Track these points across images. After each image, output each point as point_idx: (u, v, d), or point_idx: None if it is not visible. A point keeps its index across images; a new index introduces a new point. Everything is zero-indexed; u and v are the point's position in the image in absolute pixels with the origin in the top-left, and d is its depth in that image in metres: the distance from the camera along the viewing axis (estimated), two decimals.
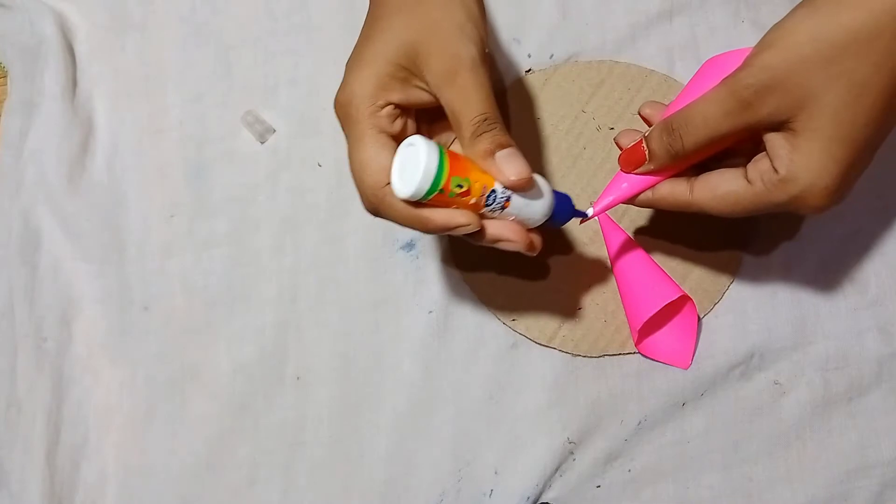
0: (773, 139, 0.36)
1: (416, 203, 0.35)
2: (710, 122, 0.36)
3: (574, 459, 0.48)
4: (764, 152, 0.37)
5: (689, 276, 0.49)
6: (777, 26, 0.35)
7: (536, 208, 0.38)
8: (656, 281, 0.47)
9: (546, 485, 0.48)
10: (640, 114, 0.42)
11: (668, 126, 0.38)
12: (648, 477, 0.48)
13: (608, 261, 0.49)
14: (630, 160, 0.40)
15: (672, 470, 0.48)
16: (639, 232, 0.50)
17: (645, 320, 0.45)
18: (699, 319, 0.49)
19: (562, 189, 0.51)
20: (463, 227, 0.36)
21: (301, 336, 0.50)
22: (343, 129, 0.38)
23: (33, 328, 0.50)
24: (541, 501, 0.48)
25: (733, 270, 0.50)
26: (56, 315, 0.50)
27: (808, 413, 0.48)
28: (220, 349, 0.50)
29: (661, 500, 0.48)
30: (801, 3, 0.35)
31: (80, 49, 0.54)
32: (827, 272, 0.50)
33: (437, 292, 0.50)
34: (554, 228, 0.41)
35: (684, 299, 0.47)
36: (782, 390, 0.48)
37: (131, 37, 0.55)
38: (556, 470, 0.48)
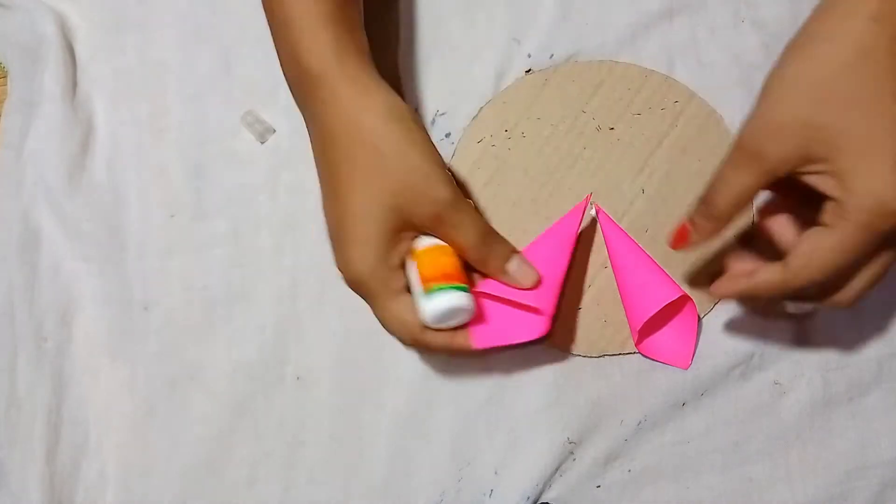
0: (814, 180, 0.37)
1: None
2: (734, 182, 0.39)
3: (574, 459, 0.48)
4: (823, 199, 0.38)
5: (688, 276, 0.49)
6: (768, 77, 0.38)
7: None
8: (656, 281, 0.47)
9: (546, 485, 0.48)
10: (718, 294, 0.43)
11: (703, 198, 0.41)
12: (648, 477, 0.48)
13: (608, 261, 0.49)
14: (678, 237, 0.43)
15: (672, 470, 0.48)
16: (639, 232, 0.50)
17: (645, 320, 0.45)
18: (699, 319, 0.49)
19: (562, 190, 0.51)
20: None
21: (301, 336, 0.50)
22: (363, 298, 0.42)
23: (33, 328, 0.50)
24: (541, 501, 0.48)
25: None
26: (56, 315, 0.50)
27: (808, 413, 0.48)
28: (220, 349, 0.50)
29: (661, 500, 0.48)
30: (785, 50, 0.38)
31: (80, 49, 0.54)
32: None
33: None
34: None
35: (684, 299, 0.47)
36: (782, 390, 0.48)
37: (131, 37, 0.55)
38: (556, 470, 0.48)
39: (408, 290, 0.42)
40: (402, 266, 0.42)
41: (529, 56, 0.53)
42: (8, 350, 0.50)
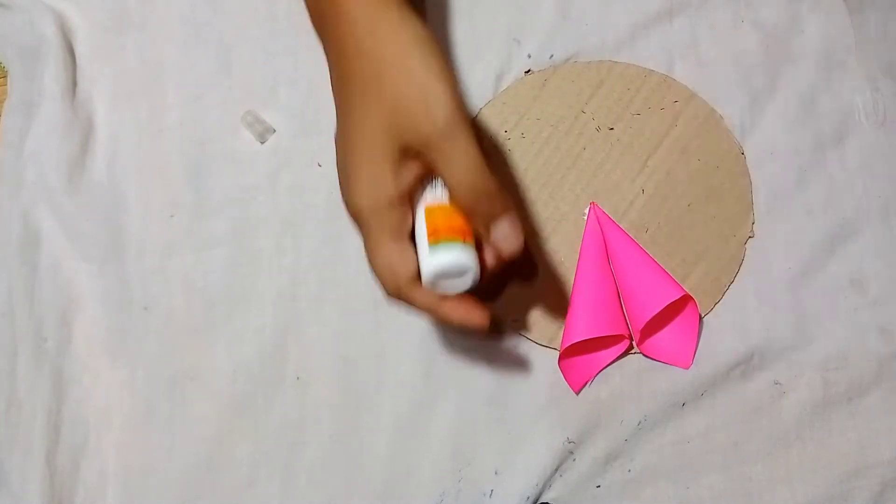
0: None
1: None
2: None
3: (574, 459, 0.48)
4: None
5: (689, 276, 0.49)
6: None
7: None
8: (657, 281, 0.47)
9: (546, 485, 0.48)
10: None
11: None
12: (648, 477, 0.48)
13: (609, 261, 0.49)
14: None
15: (672, 470, 0.48)
16: (639, 232, 0.50)
17: (647, 320, 0.46)
18: (700, 319, 0.49)
19: (562, 190, 0.51)
20: (476, 327, 0.39)
21: (301, 336, 0.50)
22: (357, 229, 0.38)
23: (33, 328, 0.50)
24: (541, 501, 0.48)
25: (733, 270, 0.50)
26: (56, 315, 0.50)
27: (808, 413, 0.48)
28: (220, 349, 0.50)
29: (661, 500, 0.47)
30: None
31: (80, 49, 0.54)
32: (827, 272, 0.50)
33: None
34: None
35: (686, 299, 0.47)
36: (782, 390, 0.48)
37: (131, 37, 0.54)
38: (556, 470, 0.48)
39: (412, 239, 0.38)
40: (408, 204, 0.38)
41: (529, 56, 0.53)
42: (8, 350, 0.50)
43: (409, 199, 0.38)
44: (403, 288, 0.37)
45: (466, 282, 0.38)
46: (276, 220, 0.52)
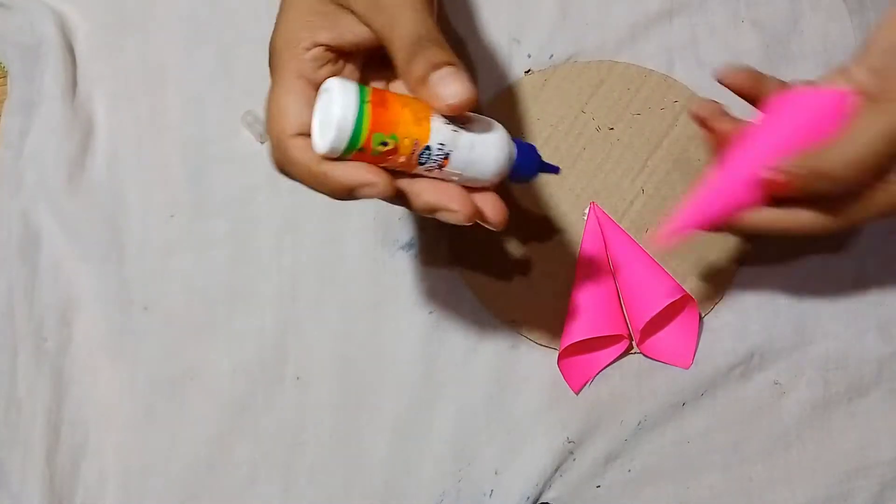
0: None
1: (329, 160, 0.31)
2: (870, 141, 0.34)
3: (574, 459, 0.48)
4: None
5: (689, 276, 0.49)
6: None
7: (487, 163, 0.32)
8: (657, 281, 0.47)
9: (546, 485, 0.48)
10: (696, 115, 0.39)
11: (812, 157, 0.35)
12: (648, 477, 0.48)
13: (609, 261, 0.49)
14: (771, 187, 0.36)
15: (672, 470, 0.48)
16: (639, 232, 0.50)
17: (647, 320, 0.46)
18: (700, 319, 0.49)
19: (562, 191, 0.51)
20: (369, 188, 0.31)
21: (301, 336, 0.50)
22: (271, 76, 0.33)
23: (33, 328, 0.50)
24: (541, 501, 0.48)
25: (734, 270, 0.50)
26: (56, 315, 0.50)
27: (808, 413, 0.48)
28: (220, 349, 0.50)
29: (661, 500, 0.48)
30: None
31: (80, 49, 0.54)
32: (827, 272, 0.50)
33: (437, 292, 0.50)
34: (520, 183, 0.35)
35: (686, 299, 0.47)
36: (782, 390, 0.48)
37: (131, 37, 0.54)
38: (556, 470, 0.48)
39: (318, 86, 0.33)
40: (330, 61, 0.33)
41: (529, 56, 0.53)
42: (8, 350, 0.50)
43: (335, 58, 0.33)
44: (284, 136, 0.32)
45: (333, 126, 0.30)
46: (276, 220, 0.52)
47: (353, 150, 0.30)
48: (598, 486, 0.48)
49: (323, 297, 0.50)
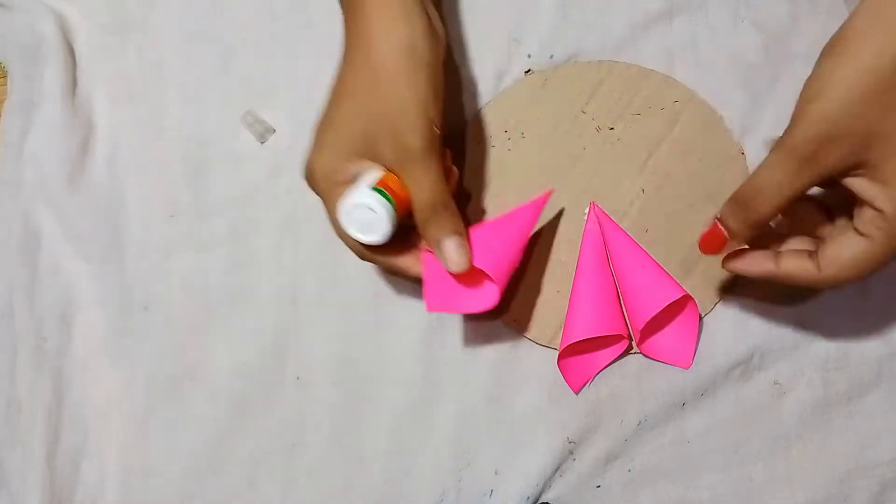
0: (858, 184, 0.37)
1: (397, 252, 0.42)
2: (782, 186, 0.37)
3: (574, 459, 0.48)
4: (860, 204, 0.37)
5: (689, 276, 0.49)
6: (811, 80, 0.36)
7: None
8: (657, 281, 0.47)
9: (546, 485, 0.48)
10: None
11: (741, 202, 0.39)
12: (648, 477, 0.48)
13: (609, 261, 0.49)
14: (712, 243, 0.41)
15: (672, 470, 0.48)
16: (639, 232, 0.50)
17: (647, 320, 0.46)
18: (700, 319, 0.49)
19: (562, 190, 0.51)
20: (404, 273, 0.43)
21: (301, 336, 0.50)
22: (317, 195, 0.42)
23: (33, 328, 0.50)
24: (541, 501, 0.48)
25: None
26: (56, 315, 0.50)
27: (808, 413, 0.48)
28: (220, 349, 0.50)
29: (661, 500, 0.48)
30: (822, 54, 0.36)
31: (80, 49, 0.54)
32: None
33: None
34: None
35: (686, 299, 0.47)
36: (782, 390, 0.48)
37: (131, 37, 0.55)
38: (556, 470, 0.48)
39: None
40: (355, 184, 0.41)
41: (529, 56, 0.53)
42: (8, 350, 0.50)
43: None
44: (367, 251, 0.42)
45: (380, 232, 0.40)
46: (276, 220, 0.52)
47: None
48: (598, 486, 0.48)
49: (323, 297, 0.50)
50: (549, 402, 0.48)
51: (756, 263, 0.41)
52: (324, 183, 0.41)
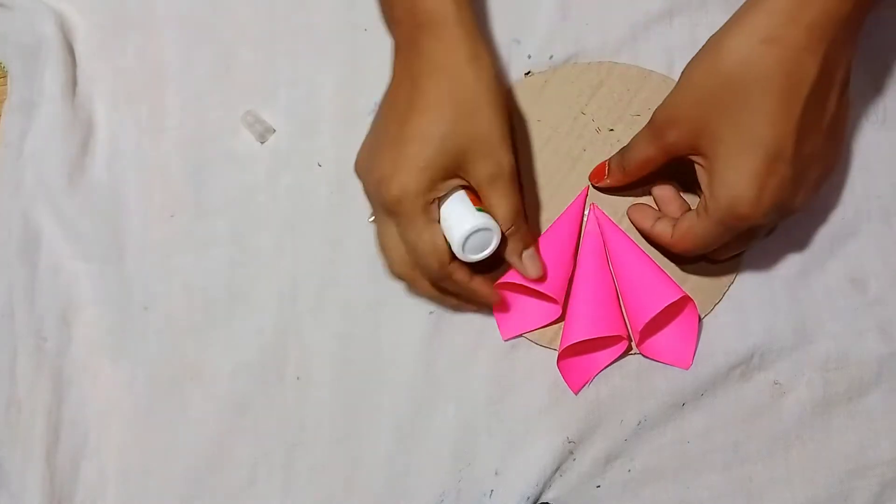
0: (698, 170, 0.43)
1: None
2: (641, 148, 0.45)
3: (574, 459, 0.48)
4: (698, 186, 0.43)
5: (689, 277, 0.49)
6: (685, 68, 0.42)
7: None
8: (657, 281, 0.47)
9: (546, 485, 0.48)
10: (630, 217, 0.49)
11: (622, 151, 0.48)
12: (648, 477, 0.48)
13: (608, 262, 0.49)
14: (596, 174, 0.50)
15: (672, 470, 0.48)
16: (638, 233, 0.50)
17: (647, 321, 0.46)
18: (700, 319, 0.49)
19: (562, 191, 0.51)
20: (492, 302, 0.47)
21: (301, 336, 0.50)
22: (394, 216, 0.43)
23: (33, 328, 0.50)
24: (541, 501, 0.48)
25: (733, 270, 0.50)
26: (56, 315, 0.50)
27: (808, 413, 0.48)
28: (220, 349, 0.50)
29: (661, 500, 0.48)
30: (701, 48, 0.42)
31: (80, 49, 0.54)
32: (827, 272, 0.50)
33: None
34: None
35: (685, 300, 0.47)
36: (782, 390, 0.48)
37: (131, 37, 0.55)
38: (556, 470, 0.48)
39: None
40: (436, 202, 0.43)
41: (529, 57, 0.53)
42: (8, 350, 0.50)
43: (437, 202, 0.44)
44: (447, 263, 0.44)
45: (490, 243, 0.44)
46: (276, 220, 0.52)
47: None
48: (598, 486, 0.48)
49: (323, 298, 0.50)
50: (548, 402, 0.48)
51: (641, 218, 0.48)
52: (416, 202, 0.42)
